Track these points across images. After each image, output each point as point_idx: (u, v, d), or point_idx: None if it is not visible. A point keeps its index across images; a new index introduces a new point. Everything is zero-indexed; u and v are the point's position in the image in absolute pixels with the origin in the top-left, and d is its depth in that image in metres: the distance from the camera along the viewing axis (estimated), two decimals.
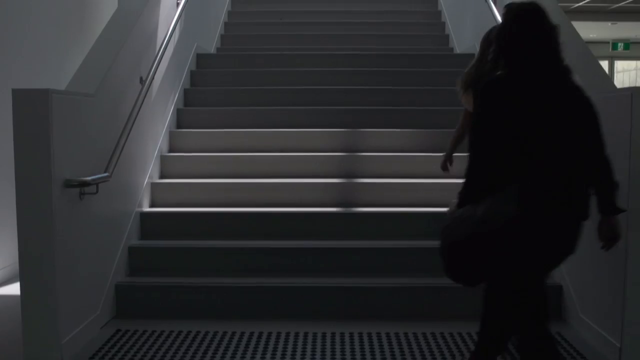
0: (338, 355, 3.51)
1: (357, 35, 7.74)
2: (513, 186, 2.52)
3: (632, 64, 24.82)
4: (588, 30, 19.28)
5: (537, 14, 2.69)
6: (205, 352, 3.53)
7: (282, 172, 5.28)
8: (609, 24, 18.36)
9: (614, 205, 2.71)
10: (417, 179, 5.17)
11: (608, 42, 21.85)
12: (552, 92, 2.63)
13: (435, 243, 2.83)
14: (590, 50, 4.32)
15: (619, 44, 21.93)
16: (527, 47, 2.64)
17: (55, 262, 3.28)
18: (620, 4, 16.11)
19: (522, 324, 2.73)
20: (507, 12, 2.73)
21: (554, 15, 4.69)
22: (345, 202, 4.99)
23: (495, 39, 2.74)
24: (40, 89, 3.29)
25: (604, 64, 22.78)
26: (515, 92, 2.60)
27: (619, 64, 24.59)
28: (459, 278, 2.74)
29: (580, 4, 16.01)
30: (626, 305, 3.25)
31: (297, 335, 3.82)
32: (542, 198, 2.55)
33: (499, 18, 5.43)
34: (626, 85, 24.15)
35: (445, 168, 4.09)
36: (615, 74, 23.81)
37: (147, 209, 4.90)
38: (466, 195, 2.67)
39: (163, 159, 5.34)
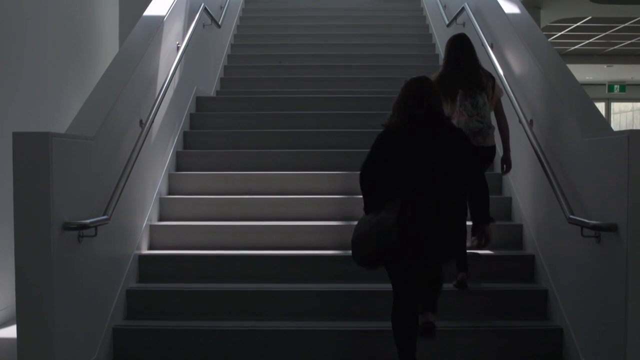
0: None
1: (357, 79, 7.81)
2: (395, 201, 3.46)
3: (628, 105, 25.01)
4: (584, 72, 19.47)
5: (420, 85, 3.71)
6: None
7: (282, 214, 5.27)
8: (605, 66, 18.56)
9: (487, 216, 3.67)
10: None
11: (604, 84, 22.03)
12: (430, 136, 3.56)
13: None
14: (586, 93, 4.35)
15: (615, 86, 22.11)
16: (409, 107, 3.62)
17: (52, 305, 3.26)
18: (615, 47, 16.30)
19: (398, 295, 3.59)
20: (404, 84, 3.78)
21: (550, 58, 4.77)
22: (345, 244, 4.97)
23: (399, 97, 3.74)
24: (40, 132, 3.31)
25: (601, 106, 22.95)
26: (398, 138, 3.59)
27: (616, 106, 24.76)
28: (359, 262, 3.64)
29: (576, 47, 16.19)
30: (627, 347, 3.22)
31: None
32: (415, 210, 3.42)
33: (496, 61, 5.49)
34: (623, 126, 24.27)
35: None
36: (612, 116, 23.96)
37: (145, 251, 4.89)
38: (365, 208, 3.69)
39: (162, 202, 5.34)
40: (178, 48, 5.83)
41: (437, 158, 3.52)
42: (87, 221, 3.53)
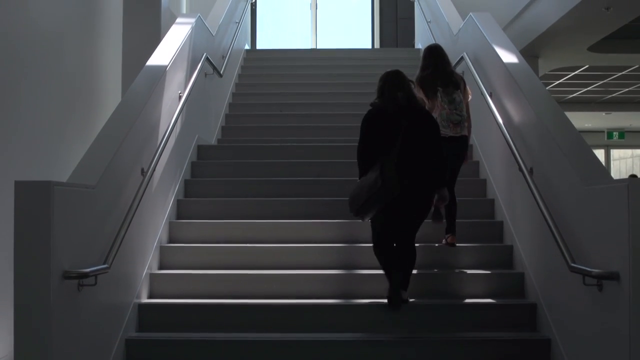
0: None
1: (357, 127, 7.83)
2: (377, 164, 4.33)
3: (627, 152, 25.10)
4: (583, 120, 19.61)
5: (394, 82, 4.63)
6: None
7: (282, 263, 5.25)
8: (604, 113, 18.67)
9: (443, 182, 4.63)
10: (419, 270, 5.14)
11: (603, 131, 22.15)
12: (405, 114, 4.49)
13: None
14: (585, 141, 4.38)
15: (614, 133, 22.24)
16: (387, 92, 4.60)
17: (51, 353, 3.23)
18: (613, 95, 16.43)
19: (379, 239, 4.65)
20: (383, 75, 4.73)
21: (549, 107, 4.81)
22: (346, 293, 4.95)
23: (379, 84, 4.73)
24: (42, 181, 3.32)
25: (600, 153, 23.04)
26: (380, 115, 4.59)
27: (615, 153, 24.86)
28: (355, 214, 4.56)
29: (575, 95, 16.32)
30: None
31: None
32: (393, 170, 4.29)
33: (495, 110, 5.54)
34: (623, 172, 24.33)
35: None
36: (611, 162, 24.04)
37: (145, 300, 4.85)
38: (360, 172, 4.59)
39: (162, 250, 5.33)
40: (180, 97, 5.89)
41: (410, 131, 4.45)
42: (87, 270, 3.52)
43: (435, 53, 5.57)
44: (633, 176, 8.99)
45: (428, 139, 4.51)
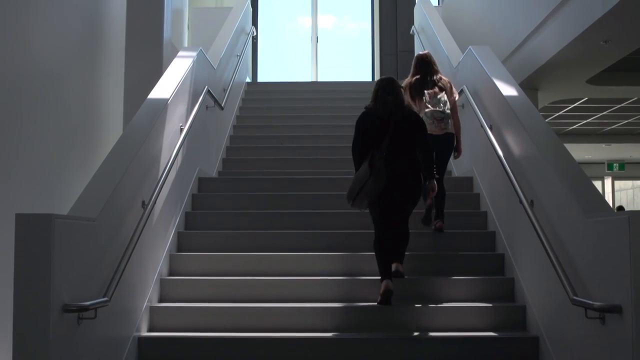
0: None
1: None
2: (368, 159, 4.91)
3: (628, 183, 25.12)
4: (583, 151, 19.65)
5: (386, 86, 5.17)
6: None
7: (283, 296, 5.22)
8: (603, 145, 18.70)
9: (432, 174, 5.20)
10: (418, 304, 5.11)
11: (603, 163, 22.19)
12: (395, 115, 5.03)
13: None
14: (585, 173, 4.39)
15: (614, 165, 22.28)
16: (381, 94, 5.12)
17: None
18: (613, 127, 16.48)
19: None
20: (377, 81, 5.34)
21: (549, 139, 4.83)
22: (349, 326, 4.92)
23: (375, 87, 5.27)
24: (43, 214, 3.33)
25: (600, 184, 23.07)
26: (372, 116, 5.12)
27: (616, 184, 24.87)
28: (351, 204, 5.09)
29: (574, 127, 16.38)
30: None
31: None
32: (381, 162, 4.86)
33: (495, 142, 5.57)
34: (624, 203, 24.32)
35: None
36: (613, 193, 24.04)
37: (145, 333, 4.82)
38: (355, 167, 5.14)
39: (163, 283, 5.31)
40: (181, 130, 5.91)
41: (397, 130, 4.99)
42: (87, 303, 3.51)
43: (423, 60, 6.18)
44: (620, 208, 8.99)
45: (416, 136, 5.09)
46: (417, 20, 11.93)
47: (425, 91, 5.94)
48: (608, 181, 24.14)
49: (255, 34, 13.31)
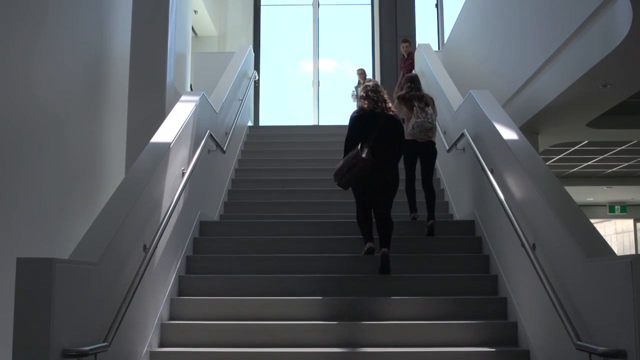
0: None
1: None
2: (358, 146, 5.84)
3: (630, 225, 25.07)
4: (585, 194, 19.66)
5: (374, 89, 6.26)
6: None
7: (285, 341, 5.17)
8: (605, 187, 18.71)
9: (399, 158, 6.25)
10: (422, 348, 5.07)
11: (605, 205, 22.17)
12: (381, 115, 6.07)
13: None
14: (586, 216, 4.39)
15: (616, 207, 22.27)
16: (370, 98, 6.16)
17: None
18: (614, 169, 16.52)
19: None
20: (364, 87, 6.37)
21: (550, 183, 4.84)
22: None
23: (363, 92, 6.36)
24: (43, 258, 3.32)
25: (602, 226, 23.00)
26: (362, 116, 6.11)
27: (618, 226, 24.83)
28: (338, 184, 6.07)
29: (575, 169, 16.41)
30: None
31: None
32: (369, 149, 5.83)
33: (496, 186, 5.58)
34: (627, 246, 24.21)
35: None
36: (615, 236, 23.98)
37: None
38: (344, 154, 6.02)
39: (163, 327, 5.26)
40: (183, 174, 5.93)
41: (383, 127, 6.02)
42: (87, 348, 3.48)
43: (413, 80, 7.32)
44: None
45: (395, 133, 6.12)
46: (418, 65, 12.05)
47: (416, 103, 6.96)
48: (610, 223, 24.10)
49: (257, 78, 13.45)
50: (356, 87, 13.18)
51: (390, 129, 6.06)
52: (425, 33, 17.41)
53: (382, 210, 6.04)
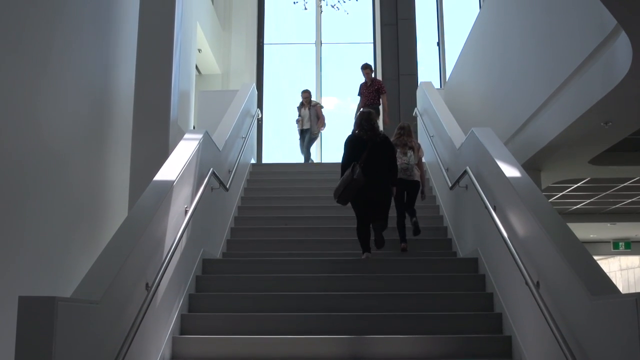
0: None
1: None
2: (351, 167, 6.71)
3: (635, 261, 24.95)
4: (588, 230, 19.58)
5: (366, 118, 7.11)
6: None
7: None
8: (608, 224, 18.66)
9: (395, 179, 7.13)
10: None
11: (609, 242, 22.09)
12: (373, 139, 6.95)
13: None
14: (590, 254, 4.38)
15: (620, 243, 22.18)
16: (361, 125, 7.05)
17: None
18: (617, 206, 16.49)
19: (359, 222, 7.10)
20: (359, 114, 7.37)
21: (553, 220, 4.83)
22: None
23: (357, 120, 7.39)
24: (46, 296, 3.31)
25: (607, 262, 22.88)
26: (354, 140, 7.02)
27: (623, 262, 24.71)
28: (337, 201, 6.89)
29: (578, 206, 16.39)
30: None
31: None
32: (362, 171, 6.69)
33: (499, 223, 5.57)
34: (631, 283, 24.07)
35: None
36: (620, 272, 23.86)
37: None
38: (341, 172, 6.88)
39: None
40: (186, 212, 5.94)
41: (372, 148, 6.93)
42: None
43: (404, 128, 8.35)
44: None
45: (386, 153, 7.03)
46: (420, 103, 12.14)
47: (399, 149, 7.94)
48: (614, 260, 23.99)
49: (260, 116, 13.54)
50: (298, 108, 13.06)
51: (378, 151, 6.92)
52: (427, 71, 17.54)
53: (378, 219, 7.02)
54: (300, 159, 13.10)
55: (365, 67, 11.91)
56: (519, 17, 9.74)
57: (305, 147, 12.75)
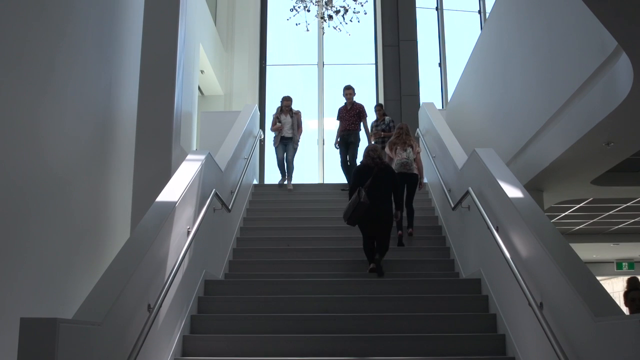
0: None
1: (365, 261, 7.86)
2: (357, 192, 7.49)
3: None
4: (591, 251, 19.54)
5: (373, 149, 7.99)
6: None
7: None
8: (612, 244, 18.62)
9: (400, 205, 7.98)
10: None
11: (612, 262, 22.02)
12: (378, 168, 7.72)
13: None
14: (592, 274, 4.37)
15: (624, 264, 22.11)
16: (369, 156, 7.86)
17: None
18: (620, 226, 16.46)
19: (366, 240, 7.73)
20: (366, 149, 8.14)
21: (555, 241, 4.82)
22: None
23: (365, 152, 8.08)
24: (47, 318, 3.30)
25: (610, 283, 22.75)
26: (361, 168, 7.86)
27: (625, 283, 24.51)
28: (346, 222, 7.62)
29: (581, 226, 16.36)
30: None
31: None
32: (366, 196, 7.45)
33: (502, 244, 5.56)
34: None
35: None
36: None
37: None
38: (350, 194, 7.71)
39: None
40: (188, 232, 5.94)
41: (377, 175, 7.71)
42: None
43: (402, 129, 9.41)
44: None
45: (390, 180, 7.80)
46: (422, 123, 12.17)
47: (399, 147, 9.13)
48: (618, 280, 23.88)
49: (262, 137, 13.56)
50: (276, 116, 11.77)
51: (382, 178, 7.73)
52: (429, 92, 17.60)
53: (381, 239, 7.66)
54: (302, 180, 13.00)
55: (348, 88, 11.42)
56: (521, 38, 9.79)
57: (289, 160, 11.50)
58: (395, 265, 7.75)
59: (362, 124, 11.29)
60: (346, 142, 11.26)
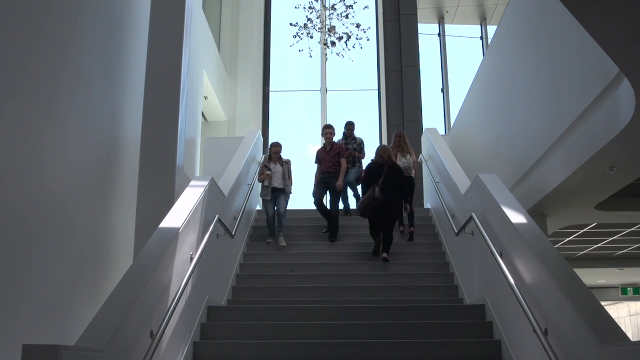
0: None
1: (368, 287, 7.84)
2: (371, 187, 8.78)
3: None
4: (596, 276, 19.46)
5: (383, 149, 9.21)
6: None
7: None
8: (616, 269, 18.55)
9: (407, 199, 9.28)
10: None
11: (617, 287, 21.93)
12: (388, 166, 8.97)
13: None
14: (597, 300, 4.35)
15: (629, 289, 22.02)
16: (379, 154, 9.11)
17: None
18: (624, 251, 16.41)
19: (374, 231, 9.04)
20: (377, 148, 9.38)
21: (559, 267, 4.81)
22: None
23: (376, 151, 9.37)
24: (49, 345, 3.29)
25: (615, 308, 22.63)
26: (372, 166, 9.10)
27: (632, 308, 24.47)
28: (360, 215, 8.95)
29: (585, 252, 16.31)
30: None
31: None
32: (380, 191, 8.72)
33: (506, 270, 5.55)
34: None
35: None
36: (629, 318, 23.62)
37: None
38: (362, 191, 9.05)
39: None
40: (191, 258, 5.93)
41: (388, 173, 8.84)
42: None
43: (400, 136, 10.78)
44: None
45: (399, 177, 8.92)
46: (425, 149, 12.20)
47: (398, 153, 10.35)
48: (623, 305, 23.75)
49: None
50: (264, 164, 10.42)
51: (392, 174, 8.84)
52: (431, 117, 17.66)
53: (387, 229, 8.77)
54: (305, 205, 12.99)
55: (328, 127, 10.60)
56: (523, 64, 9.84)
57: (280, 213, 9.89)
58: (399, 292, 7.72)
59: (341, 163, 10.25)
60: (326, 185, 10.24)
